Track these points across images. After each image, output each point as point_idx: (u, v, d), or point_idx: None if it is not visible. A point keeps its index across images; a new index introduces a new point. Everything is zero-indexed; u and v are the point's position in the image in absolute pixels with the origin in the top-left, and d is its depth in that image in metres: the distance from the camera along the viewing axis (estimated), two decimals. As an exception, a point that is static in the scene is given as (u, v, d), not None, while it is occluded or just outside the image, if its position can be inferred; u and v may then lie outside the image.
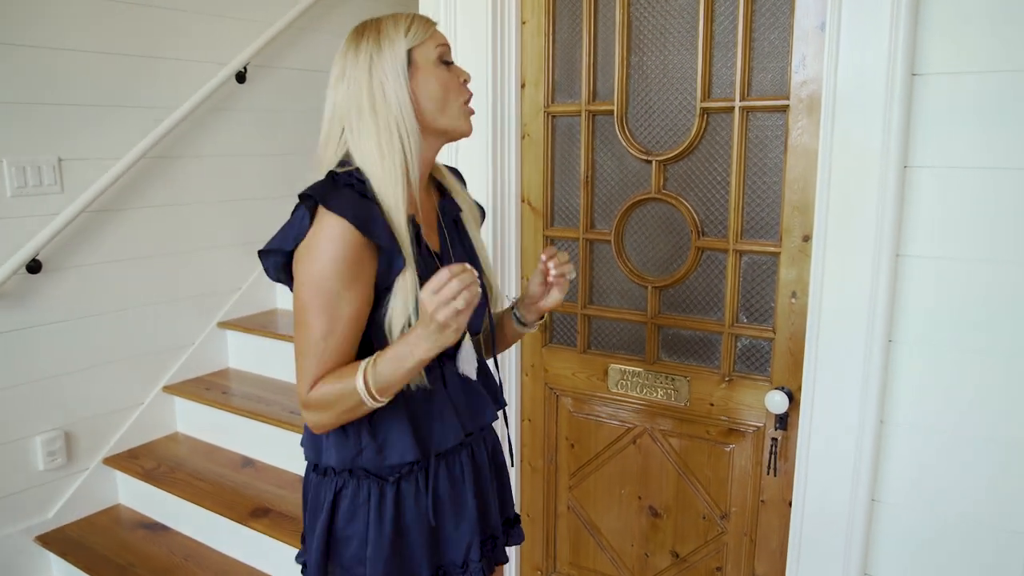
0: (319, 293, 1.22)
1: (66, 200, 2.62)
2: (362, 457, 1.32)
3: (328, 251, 1.21)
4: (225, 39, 3.12)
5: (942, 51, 1.54)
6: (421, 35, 1.31)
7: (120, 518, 2.83)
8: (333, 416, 1.26)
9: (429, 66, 1.31)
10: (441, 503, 1.39)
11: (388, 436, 1.32)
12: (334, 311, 1.23)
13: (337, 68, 1.33)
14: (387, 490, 1.34)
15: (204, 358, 3.21)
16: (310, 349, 1.25)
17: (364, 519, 1.33)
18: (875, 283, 1.63)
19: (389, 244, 1.25)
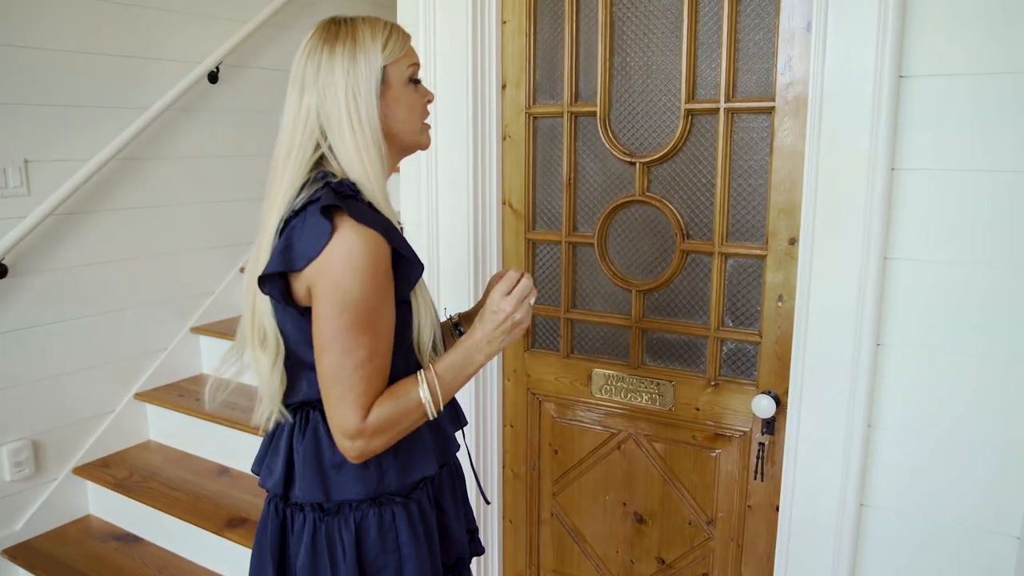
0: (360, 312, 1.15)
1: (33, 203, 2.55)
2: (385, 481, 1.27)
3: (362, 266, 1.14)
4: (198, 38, 3.06)
5: (929, 53, 1.53)
6: (397, 52, 1.27)
7: (91, 529, 2.76)
8: (393, 437, 1.22)
9: (400, 85, 1.27)
10: (445, 508, 1.40)
11: (410, 453, 1.29)
12: (376, 329, 1.17)
13: (308, 68, 1.25)
14: (412, 508, 1.30)
15: (177, 364, 3.14)
16: (355, 375, 1.17)
17: (395, 545, 1.28)
18: (863, 286, 1.62)
19: (408, 254, 1.23)
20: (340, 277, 1.14)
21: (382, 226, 1.18)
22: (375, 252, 1.15)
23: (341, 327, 1.15)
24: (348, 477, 1.26)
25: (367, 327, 1.16)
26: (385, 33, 1.26)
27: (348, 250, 1.14)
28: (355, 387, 1.17)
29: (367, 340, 1.16)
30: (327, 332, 1.16)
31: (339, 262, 1.13)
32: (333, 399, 1.18)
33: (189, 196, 3.11)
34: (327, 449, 1.26)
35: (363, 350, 1.16)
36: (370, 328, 1.16)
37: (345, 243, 1.14)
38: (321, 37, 1.26)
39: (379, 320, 1.17)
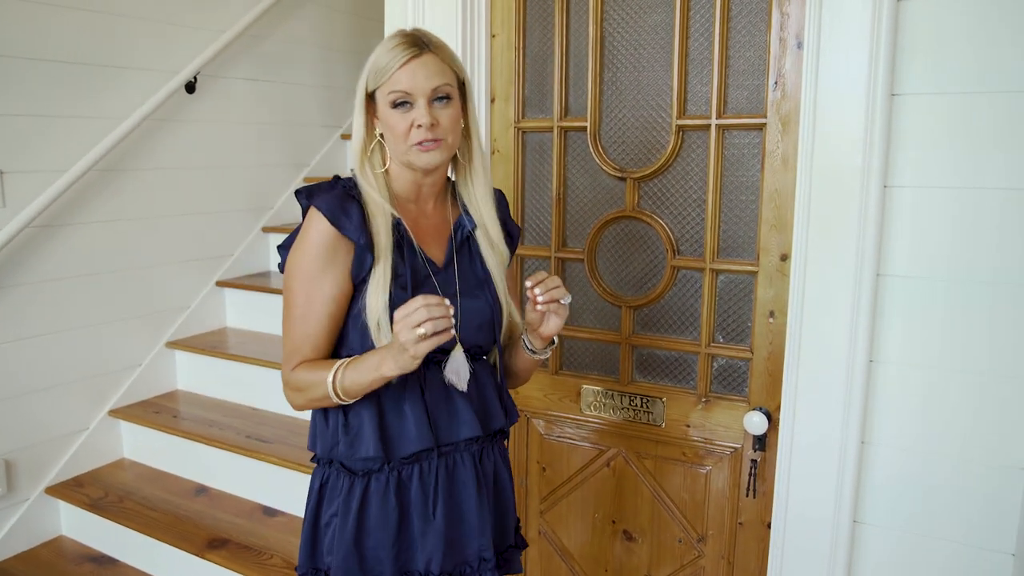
0: (298, 275, 1.35)
1: (8, 215, 2.48)
2: (337, 449, 1.39)
3: (306, 239, 1.34)
4: (175, 48, 3.01)
5: (922, 72, 1.54)
6: (378, 79, 1.34)
7: (63, 551, 2.68)
8: (304, 400, 1.38)
9: (385, 108, 1.35)
10: (409, 508, 1.39)
11: (359, 431, 1.37)
12: (311, 292, 1.34)
13: None
14: (356, 484, 1.39)
15: (152, 380, 3.07)
16: (291, 329, 1.37)
17: (336, 511, 1.40)
18: (856, 302, 1.62)
19: (358, 239, 1.32)
20: (294, 247, 1.37)
21: (329, 207, 1.32)
22: (316, 230, 1.33)
23: (286, 288, 1.37)
24: (317, 434, 1.43)
25: (302, 289, 1.34)
26: (374, 60, 1.36)
27: (304, 226, 1.36)
28: (288, 342, 1.38)
29: (302, 301, 1.35)
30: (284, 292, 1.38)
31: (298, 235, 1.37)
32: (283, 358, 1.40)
33: (166, 208, 3.05)
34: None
35: (297, 309, 1.35)
36: (304, 291, 1.34)
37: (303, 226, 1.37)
38: None
39: (313, 288, 1.34)
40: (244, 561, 2.26)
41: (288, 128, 3.60)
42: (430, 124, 1.31)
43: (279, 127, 3.55)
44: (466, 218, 1.47)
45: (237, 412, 2.91)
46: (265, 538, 2.40)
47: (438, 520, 1.39)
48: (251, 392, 2.95)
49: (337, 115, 3.88)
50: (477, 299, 1.42)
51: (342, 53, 3.88)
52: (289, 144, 3.61)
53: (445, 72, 1.34)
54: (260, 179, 3.47)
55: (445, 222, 1.46)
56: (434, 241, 1.43)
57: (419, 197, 1.43)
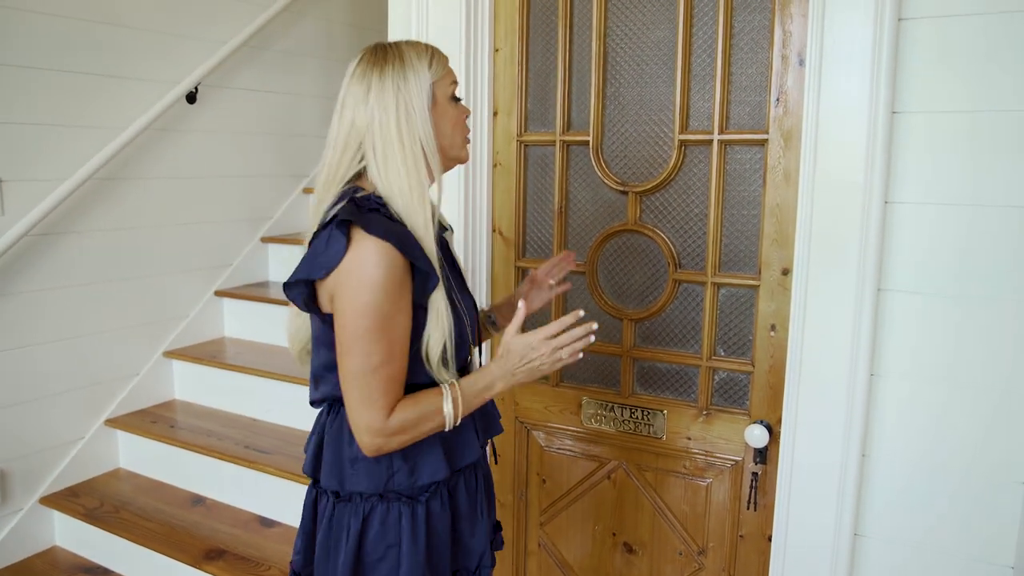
0: (375, 318, 1.23)
1: (7, 223, 2.48)
2: (394, 480, 1.33)
3: (376, 275, 1.21)
4: (176, 58, 3.02)
5: (923, 90, 1.56)
6: (440, 71, 1.34)
7: (57, 561, 2.66)
8: (411, 439, 1.29)
9: (445, 101, 1.34)
10: (461, 515, 1.43)
11: (420, 458, 1.34)
12: (391, 334, 1.25)
13: (357, 89, 1.31)
14: (418, 510, 1.35)
15: (149, 389, 3.06)
16: (375, 377, 1.24)
17: (396, 540, 1.34)
18: (858, 317, 1.64)
19: (425, 265, 1.27)
20: (357, 286, 1.22)
21: (396, 237, 1.23)
22: (386, 262, 1.22)
23: (359, 332, 1.23)
24: (360, 472, 1.33)
25: (383, 333, 1.23)
26: (428, 53, 1.34)
27: (362, 261, 1.21)
28: (375, 389, 1.24)
29: (383, 345, 1.24)
30: (347, 337, 1.24)
31: (355, 272, 1.22)
32: (354, 399, 1.26)
33: (165, 217, 3.05)
34: (346, 444, 1.34)
35: (380, 354, 1.24)
36: (385, 334, 1.23)
37: (359, 254, 1.22)
38: (369, 61, 1.32)
39: (394, 326, 1.24)
40: (241, 572, 2.25)
41: (288, 138, 3.61)
42: None
43: (279, 137, 3.56)
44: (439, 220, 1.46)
45: (235, 422, 2.90)
46: (262, 549, 2.39)
47: (484, 517, 1.46)
48: (249, 402, 2.94)
49: (336, 126, 3.88)
50: (468, 297, 1.48)
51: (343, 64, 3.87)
52: (289, 154, 3.62)
53: None
54: (260, 189, 3.48)
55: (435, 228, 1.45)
56: None
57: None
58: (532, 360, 1.31)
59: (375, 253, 1.21)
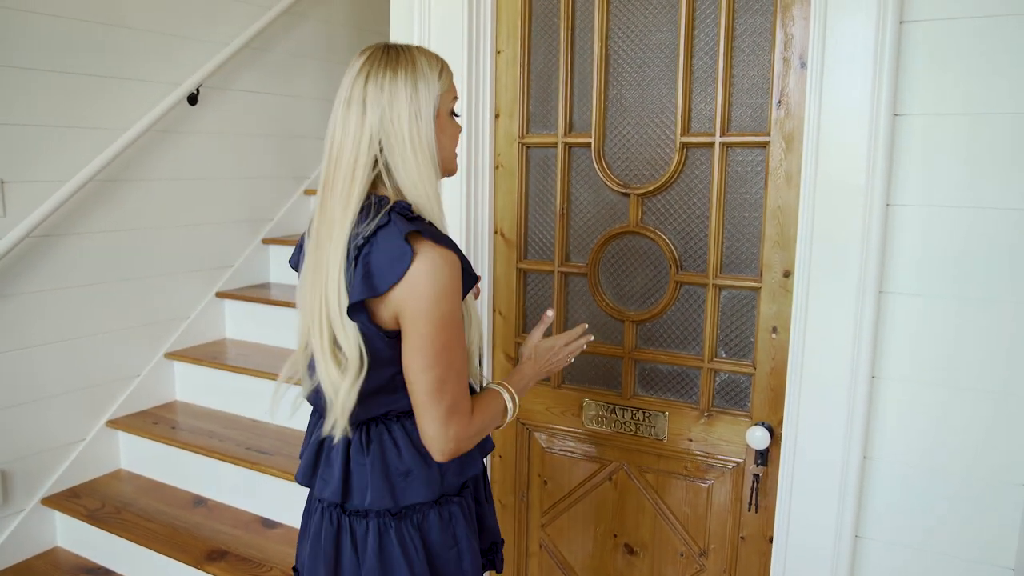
0: (454, 328, 1.25)
1: (8, 224, 2.48)
2: (445, 481, 1.36)
3: (450, 285, 1.23)
4: (178, 60, 3.02)
5: (924, 93, 1.57)
6: (448, 83, 1.34)
7: (59, 562, 2.66)
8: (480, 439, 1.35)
9: (445, 115, 1.35)
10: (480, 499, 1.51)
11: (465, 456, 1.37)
12: (463, 341, 1.29)
13: (369, 88, 1.27)
14: (464, 504, 1.41)
15: (150, 390, 3.07)
16: (458, 385, 1.27)
17: (454, 540, 1.37)
18: (859, 319, 1.64)
19: (468, 267, 1.29)
20: (434, 297, 1.21)
21: (452, 244, 1.26)
22: (454, 271, 1.24)
23: (443, 342, 1.23)
24: (416, 483, 1.33)
25: (460, 340, 1.27)
26: (439, 64, 1.33)
27: (434, 272, 1.21)
28: (460, 395, 1.27)
29: (461, 353, 1.27)
30: (432, 349, 1.23)
31: (428, 284, 1.20)
32: (442, 411, 1.25)
33: (166, 219, 3.06)
34: (394, 459, 1.33)
35: (460, 362, 1.27)
36: (461, 341, 1.27)
37: (430, 265, 1.21)
38: (380, 60, 1.29)
39: (463, 333, 1.29)
40: (243, 573, 2.26)
41: (289, 140, 3.62)
42: None
43: (280, 139, 3.57)
44: None
45: (236, 423, 2.90)
46: (264, 550, 2.39)
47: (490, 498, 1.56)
48: (250, 403, 2.95)
49: (337, 128, 3.89)
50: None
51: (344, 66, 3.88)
52: (290, 156, 3.63)
53: None
54: (261, 191, 3.48)
55: None
56: None
57: None
58: (552, 360, 1.53)
59: (446, 263, 1.22)
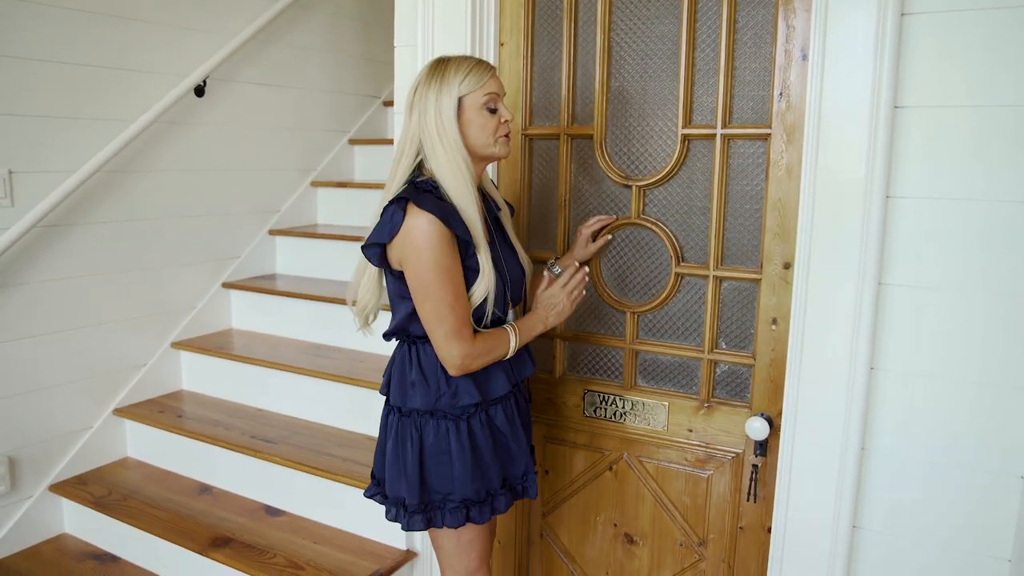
0: (437, 269, 1.57)
1: (16, 214, 2.51)
2: (441, 401, 1.68)
3: (428, 238, 1.56)
4: (185, 51, 3.04)
5: (925, 85, 1.57)
6: (472, 85, 1.62)
7: (67, 548, 2.69)
8: (482, 363, 1.65)
9: (475, 111, 1.63)
10: (500, 434, 1.74)
11: (459, 386, 1.67)
12: (454, 280, 1.59)
13: (412, 97, 1.66)
14: (461, 426, 1.69)
15: (157, 379, 3.09)
16: (451, 314, 1.59)
17: (447, 448, 1.68)
18: (858, 311, 1.65)
19: (464, 234, 1.59)
20: (417, 247, 1.57)
21: (440, 211, 1.56)
22: (433, 229, 1.55)
23: (429, 280, 1.58)
24: (418, 393, 1.69)
25: (447, 278, 1.58)
26: (467, 70, 1.63)
27: (412, 228, 1.56)
28: (456, 321, 1.59)
29: (450, 289, 1.58)
30: (421, 287, 1.59)
31: (412, 237, 1.57)
32: (441, 335, 1.60)
33: (173, 210, 3.08)
34: (407, 371, 1.71)
35: (450, 296, 1.58)
36: (449, 279, 1.58)
37: (412, 224, 1.56)
38: (428, 73, 1.65)
39: (454, 274, 1.59)
40: (247, 560, 2.28)
41: (296, 132, 3.63)
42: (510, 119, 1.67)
43: (287, 131, 3.58)
44: (492, 200, 1.80)
45: (241, 412, 2.93)
46: (268, 537, 2.42)
47: (523, 438, 1.79)
48: (256, 393, 2.97)
49: (345, 120, 3.91)
50: (514, 264, 1.78)
51: (351, 58, 3.92)
52: (297, 148, 3.64)
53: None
54: (267, 182, 3.50)
55: (482, 205, 1.74)
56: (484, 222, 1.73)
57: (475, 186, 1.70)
58: (555, 305, 1.74)
59: (425, 223, 1.55)
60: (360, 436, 2.71)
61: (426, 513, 1.71)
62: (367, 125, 4.04)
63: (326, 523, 2.52)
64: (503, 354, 1.69)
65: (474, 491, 1.70)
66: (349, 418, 2.76)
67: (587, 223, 1.99)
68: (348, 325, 3.00)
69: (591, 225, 1.98)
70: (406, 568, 2.33)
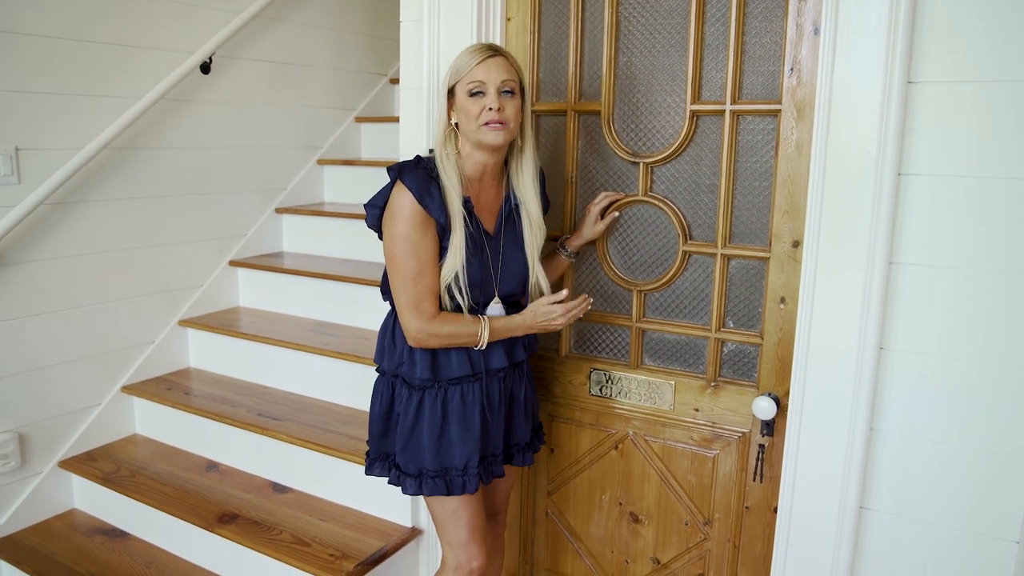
0: (405, 243, 1.66)
1: (23, 191, 2.50)
2: (402, 368, 1.79)
3: (402, 213, 1.66)
4: (191, 28, 3.02)
5: (939, 60, 1.54)
6: (460, 74, 1.70)
7: (76, 524, 2.71)
8: (440, 343, 1.73)
9: (463, 98, 1.69)
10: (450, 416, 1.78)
11: (416, 359, 1.76)
12: (421, 256, 1.67)
13: None
14: (414, 395, 1.78)
15: (164, 357, 3.10)
16: (414, 287, 1.68)
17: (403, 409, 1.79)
18: (868, 289, 1.63)
19: (439, 216, 1.67)
20: (392, 219, 1.68)
21: (419, 190, 1.65)
22: (405, 205, 1.66)
23: (394, 253, 1.68)
24: (388, 356, 1.83)
25: (414, 253, 1.67)
26: (458, 59, 1.71)
27: (392, 201, 1.68)
28: (415, 295, 1.68)
29: (415, 263, 1.67)
30: (389, 257, 1.70)
31: (390, 208, 1.69)
32: (403, 304, 1.70)
33: (180, 187, 3.07)
34: (386, 333, 1.84)
35: (414, 269, 1.67)
36: (416, 254, 1.67)
37: (394, 197, 1.68)
38: None
39: (422, 250, 1.67)
40: (254, 536, 2.29)
41: (302, 110, 3.61)
42: (498, 108, 1.66)
43: (293, 109, 3.56)
44: (513, 196, 1.82)
45: (248, 390, 2.93)
46: (275, 514, 2.42)
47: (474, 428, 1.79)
48: (262, 370, 2.97)
49: (351, 98, 3.88)
50: (517, 260, 1.81)
51: (357, 36, 3.88)
52: (303, 126, 3.62)
53: (511, 71, 1.69)
54: (274, 160, 3.48)
55: (498, 198, 1.82)
56: (490, 212, 1.80)
57: (483, 176, 1.78)
58: (547, 319, 1.76)
59: (402, 198, 1.66)
60: (366, 414, 2.70)
61: (385, 462, 1.88)
62: (373, 103, 4.01)
63: (332, 500, 2.53)
64: (470, 343, 1.74)
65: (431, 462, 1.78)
66: (355, 396, 2.76)
67: (595, 200, 1.99)
68: (355, 303, 3.02)
69: (599, 202, 1.98)
70: (412, 545, 2.34)
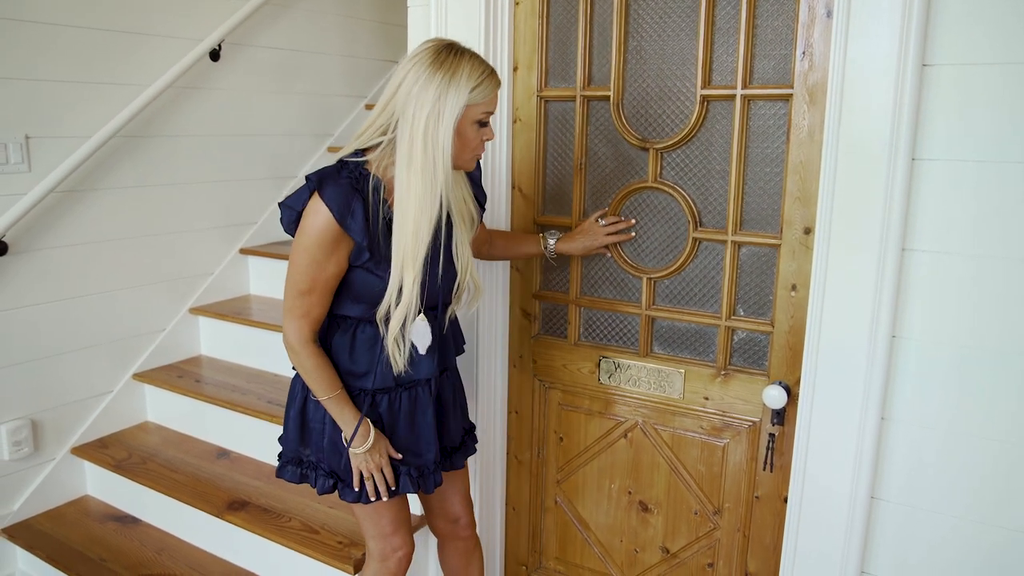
0: (307, 258, 1.55)
1: (34, 179, 2.51)
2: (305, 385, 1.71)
3: (315, 230, 1.53)
4: (200, 15, 3.01)
5: (954, 42, 1.50)
6: (480, 97, 1.52)
7: (89, 510, 2.74)
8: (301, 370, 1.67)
9: (468, 123, 1.54)
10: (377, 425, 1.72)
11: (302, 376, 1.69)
12: (317, 273, 1.57)
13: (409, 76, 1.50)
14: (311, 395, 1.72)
15: (175, 345, 3.11)
16: (296, 299, 1.60)
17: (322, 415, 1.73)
18: (880, 277, 1.60)
19: (360, 238, 1.54)
20: (302, 230, 1.55)
21: (342, 211, 1.51)
22: (324, 224, 1.52)
23: (294, 262, 1.57)
24: None
25: (310, 269, 1.56)
26: (479, 77, 1.51)
27: (308, 212, 1.55)
28: (298, 307, 1.60)
29: (308, 280, 1.57)
30: (290, 262, 1.59)
31: (304, 220, 1.55)
32: (285, 307, 1.62)
33: (189, 175, 3.07)
34: None
35: (305, 284, 1.58)
36: (311, 271, 1.56)
37: (310, 209, 1.55)
38: (430, 56, 1.50)
39: (321, 269, 1.56)
40: (263, 523, 2.30)
41: (312, 97, 3.60)
42: None
43: (303, 96, 3.55)
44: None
45: (259, 378, 2.94)
46: (284, 501, 2.43)
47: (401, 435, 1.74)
48: (273, 358, 2.98)
49: (361, 85, 3.87)
50: (452, 266, 1.69)
51: (366, 23, 3.86)
52: (313, 113, 3.61)
53: None
54: (284, 148, 3.48)
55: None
56: None
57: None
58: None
59: (318, 213, 1.52)
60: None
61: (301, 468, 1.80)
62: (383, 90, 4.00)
63: (342, 488, 2.53)
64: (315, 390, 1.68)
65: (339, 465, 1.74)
66: (365, 384, 2.76)
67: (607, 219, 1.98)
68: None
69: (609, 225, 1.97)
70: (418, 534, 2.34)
